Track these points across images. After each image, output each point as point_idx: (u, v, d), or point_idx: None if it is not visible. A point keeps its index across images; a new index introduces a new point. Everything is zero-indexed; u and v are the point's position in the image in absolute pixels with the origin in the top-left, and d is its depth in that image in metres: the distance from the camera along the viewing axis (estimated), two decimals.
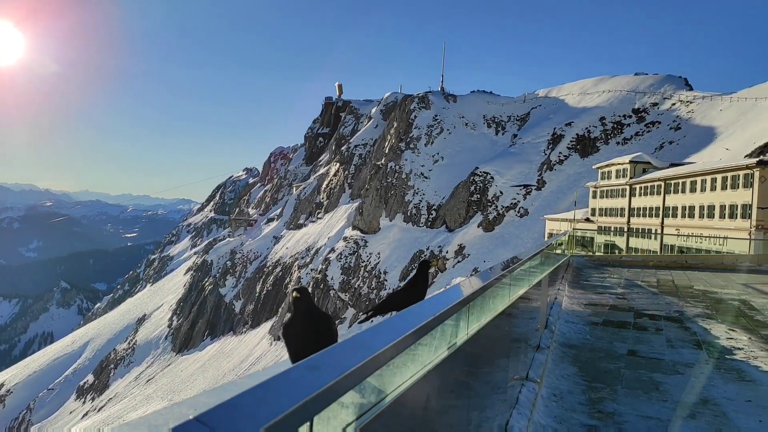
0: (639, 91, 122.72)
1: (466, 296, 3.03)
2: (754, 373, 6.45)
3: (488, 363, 4.17)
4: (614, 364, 6.87)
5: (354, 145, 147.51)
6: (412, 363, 2.15)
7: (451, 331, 2.76)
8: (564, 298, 12.28)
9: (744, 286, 16.75)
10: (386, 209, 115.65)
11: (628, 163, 73.27)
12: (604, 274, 19.36)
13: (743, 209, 50.25)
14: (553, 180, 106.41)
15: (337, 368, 1.42)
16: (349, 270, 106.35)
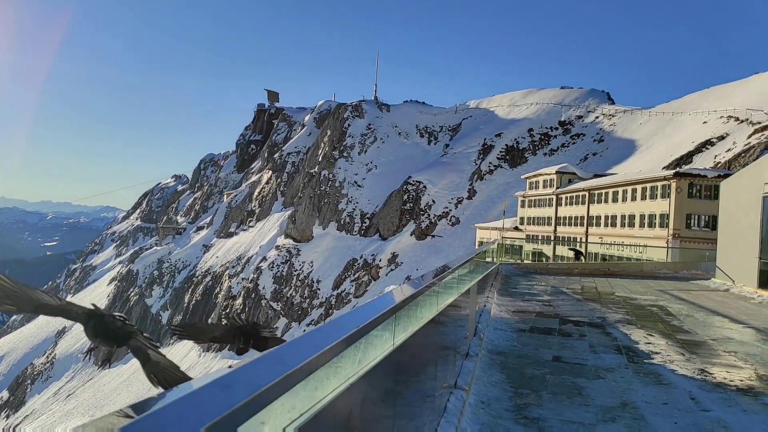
0: (565, 104, 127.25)
1: (394, 305, 3.00)
2: (670, 377, 6.72)
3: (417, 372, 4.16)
4: (540, 370, 7.01)
5: (287, 153, 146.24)
6: (335, 376, 2.10)
7: (377, 341, 2.73)
8: (493, 306, 12.49)
9: (661, 292, 17.53)
10: (319, 217, 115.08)
11: (554, 174, 75.67)
12: (531, 282, 19.84)
13: (661, 218, 52.69)
14: (484, 189, 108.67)
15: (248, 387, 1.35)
16: (281, 279, 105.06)
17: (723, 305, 14.61)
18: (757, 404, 5.66)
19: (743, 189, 20.47)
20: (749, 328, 10.91)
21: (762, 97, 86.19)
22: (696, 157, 76.77)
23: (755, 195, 18.52)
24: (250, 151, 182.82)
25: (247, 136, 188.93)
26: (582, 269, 27.26)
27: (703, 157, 75.71)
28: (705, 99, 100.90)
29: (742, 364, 7.52)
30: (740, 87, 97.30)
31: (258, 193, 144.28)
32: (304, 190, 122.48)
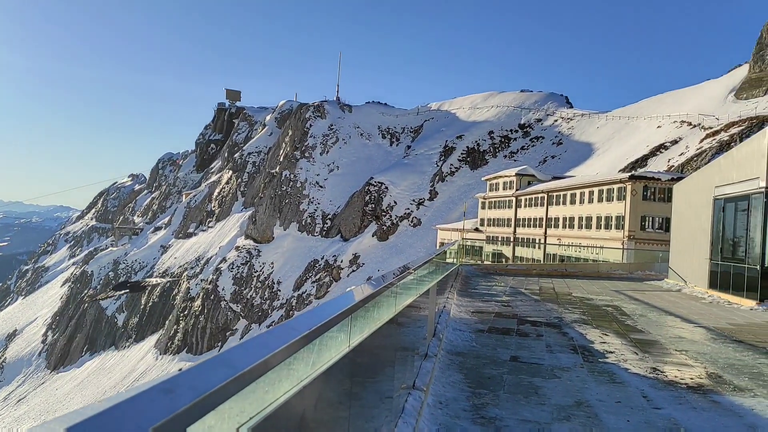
0: (525, 107, 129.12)
1: (350, 307, 2.98)
2: (623, 375, 6.86)
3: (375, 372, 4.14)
4: (498, 370, 7.07)
5: (247, 153, 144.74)
6: (288, 379, 2.07)
7: (332, 343, 2.70)
8: (453, 306, 12.56)
9: (617, 292, 17.90)
10: (280, 218, 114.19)
11: (514, 176, 76.66)
12: (491, 283, 20.03)
13: (617, 220, 53.85)
14: (445, 191, 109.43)
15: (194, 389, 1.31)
16: (241, 280, 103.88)
17: (675, 305, 14.99)
18: (706, 402, 5.81)
19: (695, 192, 21.07)
20: (700, 328, 11.22)
21: (713, 102, 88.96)
22: (651, 161, 78.75)
23: (706, 198, 19.07)
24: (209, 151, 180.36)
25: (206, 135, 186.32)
26: (541, 270, 27.67)
27: (658, 160, 77.70)
28: (659, 104, 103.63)
29: (693, 363, 7.72)
30: (693, 93, 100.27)
31: (218, 193, 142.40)
32: (264, 191, 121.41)
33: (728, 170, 17.84)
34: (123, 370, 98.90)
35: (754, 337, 10.10)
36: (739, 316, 13.18)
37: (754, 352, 8.65)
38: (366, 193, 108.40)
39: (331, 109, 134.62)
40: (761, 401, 5.84)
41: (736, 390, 6.30)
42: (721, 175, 18.32)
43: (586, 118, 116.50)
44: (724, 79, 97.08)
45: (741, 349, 8.95)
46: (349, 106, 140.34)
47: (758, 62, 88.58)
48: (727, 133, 72.31)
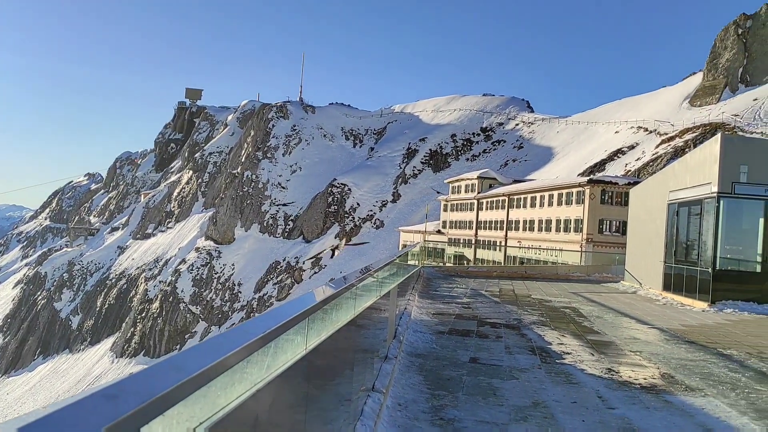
0: (487, 111, 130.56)
1: (307, 309, 2.95)
2: (580, 376, 6.97)
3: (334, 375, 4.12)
4: (457, 371, 7.11)
5: (208, 153, 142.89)
6: (241, 382, 2.03)
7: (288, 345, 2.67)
8: (414, 308, 12.59)
9: (575, 294, 18.21)
10: (242, 219, 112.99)
11: (476, 179, 77.39)
12: (452, 285, 20.16)
13: (576, 223, 54.83)
14: (408, 193, 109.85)
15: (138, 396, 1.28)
16: (201, 282, 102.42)
17: (630, 307, 15.33)
18: (659, 401, 5.95)
19: (650, 196, 21.59)
20: (654, 329, 11.49)
21: (669, 108, 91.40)
22: (608, 165, 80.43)
23: (661, 202, 19.56)
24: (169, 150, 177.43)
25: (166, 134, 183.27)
26: (501, 272, 27.98)
27: (615, 165, 79.41)
28: (617, 110, 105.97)
29: (647, 363, 7.90)
30: (649, 99, 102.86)
31: (177, 193, 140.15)
32: (226, 191, 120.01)
33: (682, 175, 18.32)
34: (77, 374, 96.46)
35: (705, 338, 10.39)
36: (691, 318, 13.54)
37: (705, 353, 8.90)
38: (329, 194, 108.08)
39: (294, 110, 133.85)
40: (711, 401, 6.01)
41: (688, 390, 6.46)
42: (675, 180, 18.81)
43: (546, 122, 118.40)
44: (679, 87, 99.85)
45: (693, 349, 9.20)
46: (313, 107, 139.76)
47: (711, 70, 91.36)
48: (681, 139, 74.35)
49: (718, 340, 10.29)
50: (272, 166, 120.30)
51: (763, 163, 15.67)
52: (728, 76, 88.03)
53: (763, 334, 11.42)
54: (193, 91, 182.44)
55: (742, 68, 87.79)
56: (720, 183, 15.39)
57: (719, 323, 12.75)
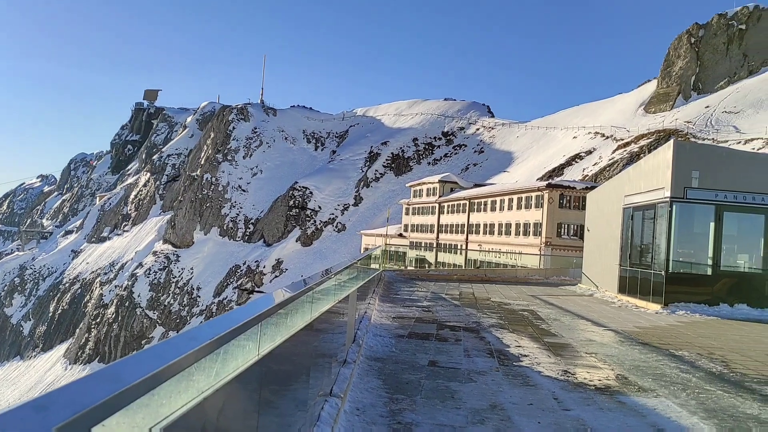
0: (448, 115, 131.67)
1: (260, 313, 2.89)
2: (536, 378, 7.05)
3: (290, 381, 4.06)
4: (416, 375, 7.11)
5: (167, 155, 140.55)
6: (187, 391, 1.97)
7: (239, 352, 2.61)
8: (374, 312, 12.57)
9: (533, 297, 18.45)
10: (201, 222, 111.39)
11: (437, 183, 77.92)
12: (413, 288, 20.22)
13: (535, 227, 55.64)
14: (370, 196, 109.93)
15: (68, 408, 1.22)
16: (158, 286, 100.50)
17: (587, 309, 15.60)
18: (613, 402, 6.05)
19: (606, 201, 22.05)
20: (609, 331, 11.71)
21: (625, 115, 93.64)
22: (567, 170, 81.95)
23: (617, 206, 19.98)
24: (126, 152, 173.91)
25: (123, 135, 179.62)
26: (461, 275, 28.17)
27: (573, 169, 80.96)
28: (575, 115, 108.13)
29: (601, 365, 8.03)
30: (606, 105, 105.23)
31: (135, 196, 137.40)
32: (185, 194, 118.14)
33: (637, 180, 18.75)
34: (29, 381, 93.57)
35: (658, 340, 10.63)
36: (645, 320, 13.84)
37: (658, 354, 9.10)
38: (290, 197, 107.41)
39: (255, 112, 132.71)
40: (663, 401, 6.14)
41: (641, 390, 6.58)
42: (630, 185, 19.24)
43: (506, 127, 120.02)
44: (634, 94, 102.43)
45: (646, 351, 9.39)
46: (274, 110, 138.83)
47: (665, 78, 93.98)
48: (636, 144, 76.24)
49: (670, 341, 10.54)
50: (232, 168, 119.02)
51: (713, 169, 16.15)
52: (681, 84, 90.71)
53: (712, 335, 11.74)
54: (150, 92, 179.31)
55: (695, 76, 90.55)
56: (673, 188, 15.79)
57: (672, 325, 13.07)
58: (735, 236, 16.87)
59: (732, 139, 65.17)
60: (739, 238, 17.02)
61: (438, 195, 76.91)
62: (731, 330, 12.71)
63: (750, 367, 8.32)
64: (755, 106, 74.54)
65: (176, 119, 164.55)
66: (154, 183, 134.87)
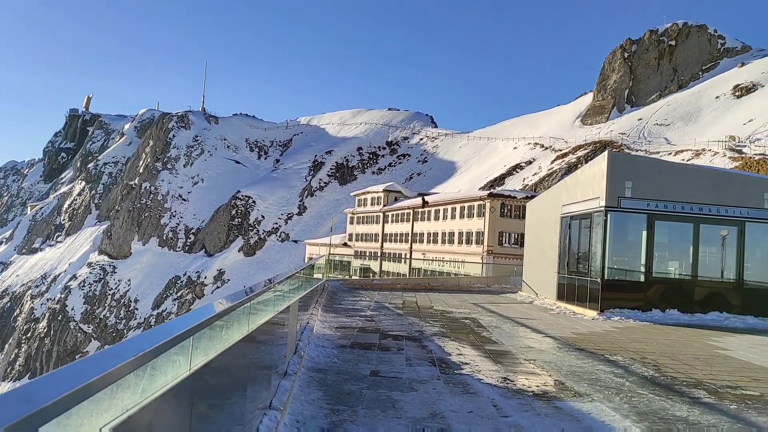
0: (392, 125, 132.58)
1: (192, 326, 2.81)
2: (476, 386, 7.12)
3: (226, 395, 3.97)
4: (358, 385, 7.07)
5: (103, 163, 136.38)
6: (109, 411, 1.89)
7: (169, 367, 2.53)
8: (316, 322, 12.47)
9: (475, 305, 18.68)
10: (139, 233, 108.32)
11: (381, 192, 78.17)
12: (357, 298, 20.16)
13: (477, 236, 56.46)
14: (314, 206, 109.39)
15: None
16: (93, 299, 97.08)
17: (527, 316, 15.90)
18: (550, 408, 6.16)
19: (545, 210, 22.59)
20: (548, 338, 11.96)
21: (563, 126, 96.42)
22: (508, 180, 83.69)
23: (555, 215, 20.49)
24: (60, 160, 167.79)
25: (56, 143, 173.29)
26: (405, 284, 28.28)
27: (514, 179, 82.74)
28: (516, 126, 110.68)
29: (540, 371, 8.19)
30: (546, 117, 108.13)
31: (68, 205, 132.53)
32: (122, 203, 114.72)
33: (573, 190, 19.30)
34: None
35: (594, 345, 10.92)
36: (582, 326, 14.21)
37: (593, 360, 9.34)
38: (232, 206, 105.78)
39: (196, 120, 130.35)
40: (597, 405, 6.29)
41: (577, 395, 6.74)
42: (567, 195, 19.78)
43: (449, 137, 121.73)
44: (571, 106, 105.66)
45: (582, 356, 9.63)
46: (216, 118, 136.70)
47: (601, 91, 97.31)
48: (574, 155, 78.56)
49: (605, 346, 10.84)
50: (172, 177, 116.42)
51: (645, 179, 16.78)
52: (616, 97, 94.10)
53: (645, 340, 12.16)
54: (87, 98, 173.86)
55: (629, 90, 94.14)
56: (607, 198, 16.32)
57: (607, 330, 13.46)
58: (666, 244, 17.56)
59: (663, 151, 67.98)
60: (670, 246, 17.72)
61: (382, 204, 77.16)
62: (663, 335, 13.19)
63: (680, 370, 8.65)
64: (684, 119, 78.04)
65: (113, 126, 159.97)
66: (90, 192, 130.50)
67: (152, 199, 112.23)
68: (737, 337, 13.32)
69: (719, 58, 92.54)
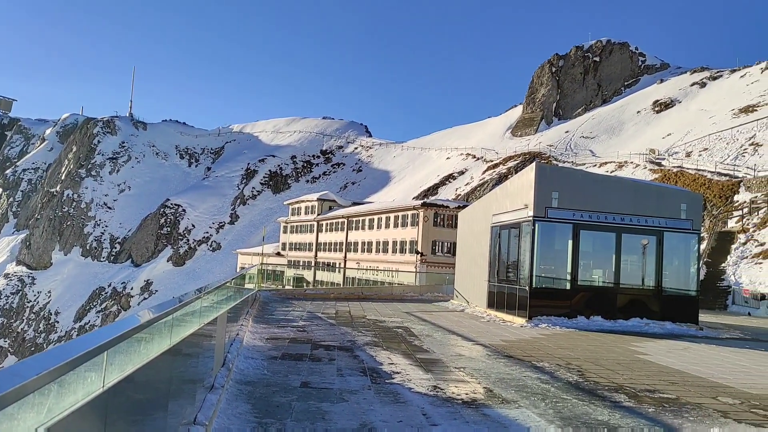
0: (326, 134, 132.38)
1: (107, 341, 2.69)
2: (407, 395, 7.14)
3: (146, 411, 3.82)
4: (287, 397, 6.97)
5: (22, 169, 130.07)
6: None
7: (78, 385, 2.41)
8: (247, 334, 12.23)
9: (407, 314, 18.79)
10: (60, 242, 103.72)
11: (316, 201, 77.80)
12: (289, 308, 19.93)
13: (411, 245, 56.95)
14: (247, 214, 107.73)
15: None
16: (10, 312, 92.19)
17: (458, 324, 16.11)
18: (478, 415, 6.25)
19: (476, 219, 23.01)
20: (478, 345, 12.15)
21: (494, 138, 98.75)
22: (441, 189, 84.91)
23: (485, 225, 20.90)
24: None
25: None
26: (339, 294, 28.17)
27: (447, 189, 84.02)
28: (449, 137, 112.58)
29: (469, 379, 8.30)
30: (478, 128, 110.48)
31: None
32: (42, 211, 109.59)
33: (503, 200, 19.75)
34: None
35: (522, 352, 11.16)
36: (511, 333, 14.51)
37: (521, 366, 9.55)
38: (161, 215, 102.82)
39: (123, 126, 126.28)
40: (524, 411, 6.42)
41: (504, 402, 6.86)
42: (497, 205, 20.22)
43: (384, 147, 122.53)
44: (502, 118, 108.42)
45: (511, 363, 9.83)
46: (144, 123, 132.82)
47: (530, 104, 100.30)
48: (505, 166, 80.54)
49: (533, 353, 11.10)
50: (97, 184, 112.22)
51: (571, 190, 17.36)
52: (544, 110, 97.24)
53: (570, 346, 12.53)
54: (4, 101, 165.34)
55: (556, 103, 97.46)
56: (535, 208, 16.78)
57: (535, 337, 13.79)
58: (590, 253, 18.18)
59: (588, 162, 70.61)
60: (594, 255, 18.36)
61: (317, 213, 76.77)
62: (587, 341, 13.63)
63: (602, 375, 8.95)
64: (608, 132, 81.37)
65: (34, 131, 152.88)
66: (8, 200, 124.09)
67: (75, 207, 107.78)
68: (656, 342, 13.91)
69: (640, 74, 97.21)
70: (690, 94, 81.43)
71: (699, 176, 49.90)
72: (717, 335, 16.10)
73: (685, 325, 16.74)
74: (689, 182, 48.20)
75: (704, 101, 76.59)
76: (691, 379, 8.99)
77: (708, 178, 48.38)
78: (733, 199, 42.17)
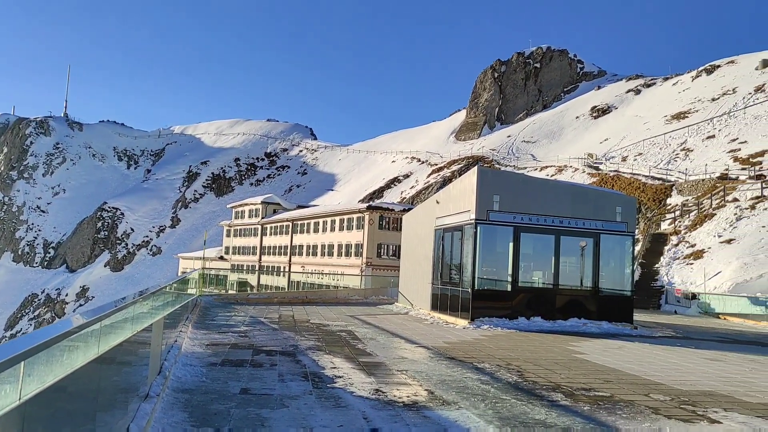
0: (271, 136, 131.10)
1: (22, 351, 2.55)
2: (348, 399, 7.10)
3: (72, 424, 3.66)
4: (226, 404, 6.82)
5: None
6: None
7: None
8: (186, 340, 11.95)
9: (351, 317, 18.74)
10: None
11: (260, 204, 76.90)
12: (231, 313, 19.58)
13: (356, 248, 56.92)
14: (189, 218, 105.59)
15: None
16: None
17: (402, 327, 16.17)
18: (418, 417, 6.27)
19: (420, 223, 23.17)
20: (420, 348, 12.21)
21: (438, 142, 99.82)
22: (386, 192, 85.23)
23: (429, 228, 21.08)
24: None
25: None
26: (282, 298, 27.87)
27: (392, 192, 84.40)
28: (394, 140, 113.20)
29: (411, 381, 8.32)
30: (422, 132, 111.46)
31: None
32: None
33: (446, 203, 19.96)
34: None
35: (464, 354, 11.28)
36: (453, 335, 14.66)
37: (462, 368, 9.64)
38: (98, 219, 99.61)
39: (57, 126, 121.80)
40: (464, 413, 6.48)
41: (445, 404, 6.90)
42: (441, 208, 20.42)
43: (329, 150, 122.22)
44: (446, 122, 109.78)
45: (452, 365, 9.91)
46: (80, 124, 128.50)
47: (473, 109, 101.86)
48: (449, 169, 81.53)
49: (474, 354, 11.24)
50: (30, 187, 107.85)
51: (511, 194, 17.69)
52: (487, 115, 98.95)
53: (511, 347, 12.75)
54: None
55: (498, 108, 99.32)
56: (477, 211, 17.02)
57: (476, 339, 13.97)
58: (531, 255, 18.56)
59: (530, 166, 72.22)
60: (534, 257, 18.75)
61: (261, 216, 75.86)
62: (527, 341, 13.89)
63: (541, 375, 9.13)
64: (549, 136, 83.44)
65: None
66: None
67: (6, 210, 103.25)
68: (593, 341, 14.30)
69: (579, 80, 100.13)
70: (626, 101, 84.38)
71: (634, 180, 51.75)
72: (651, 334, 16.68)
73: (621, 324, 17.28)
74: (625, 186, 49.91)
75: (639, 107, 79.50)
76: (625, 377, 9.27)
77: (642, 182, 50.22)
78: (665, 202, 43.92)
